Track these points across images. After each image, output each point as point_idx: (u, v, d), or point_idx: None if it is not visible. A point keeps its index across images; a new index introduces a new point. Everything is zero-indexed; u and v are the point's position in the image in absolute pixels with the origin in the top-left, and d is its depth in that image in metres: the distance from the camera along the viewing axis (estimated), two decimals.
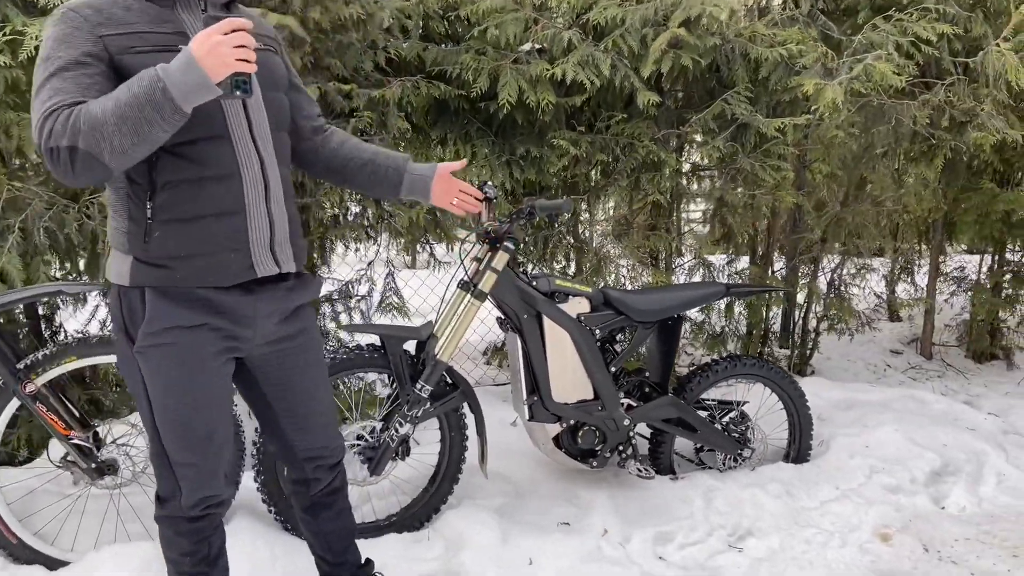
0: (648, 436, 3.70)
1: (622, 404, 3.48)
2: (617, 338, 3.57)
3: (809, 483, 3.67)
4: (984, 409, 4.60)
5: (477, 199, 2.51)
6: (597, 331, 3.39)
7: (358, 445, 3.15)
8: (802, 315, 5.31)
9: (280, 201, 2.03)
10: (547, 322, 3.30)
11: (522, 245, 4.21)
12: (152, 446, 2.04)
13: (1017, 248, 5.46)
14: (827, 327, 5.04)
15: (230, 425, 2.10)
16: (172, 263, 1.89)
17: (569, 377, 3.38)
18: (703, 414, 3.67)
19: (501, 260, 3.15)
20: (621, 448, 3.49)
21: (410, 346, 3.19)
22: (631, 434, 3.51)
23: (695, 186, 4.34)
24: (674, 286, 3.62)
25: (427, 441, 3.48)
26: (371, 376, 3.89)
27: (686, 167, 4.33)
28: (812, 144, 4.36)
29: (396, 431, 3.12)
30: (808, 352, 5.25)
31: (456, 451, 3.35)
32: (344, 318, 4.07)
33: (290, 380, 2.19)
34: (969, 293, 5.56)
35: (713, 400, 3.75)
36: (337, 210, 3.75)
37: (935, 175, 4.55)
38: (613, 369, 3.46)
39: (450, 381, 3.28)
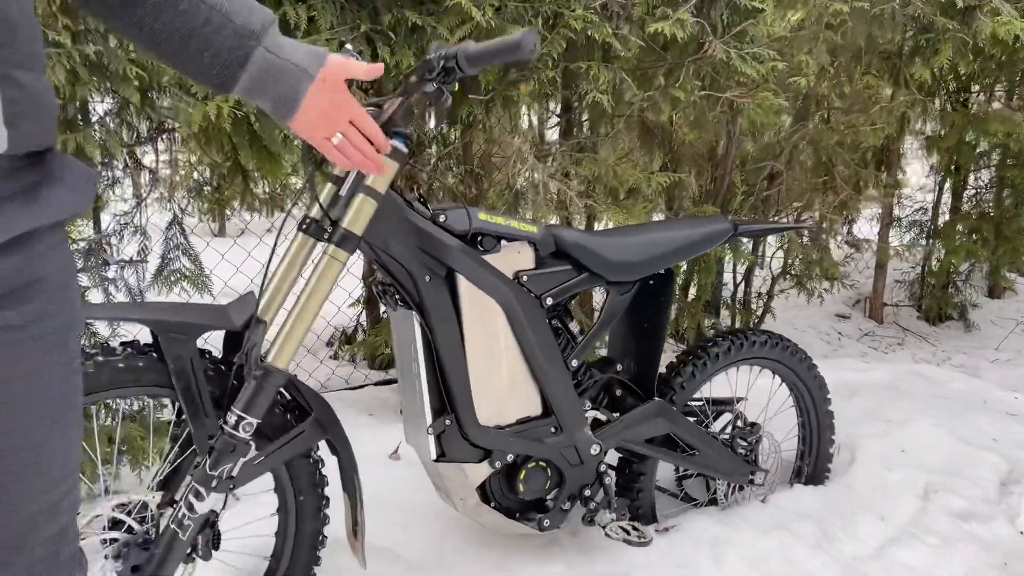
0: (613, 466, 2.34)
1: (587, 419, 2.10)
2: (572, 311, 2.17)
3: (847, 516, 2.45)
4: (991, 381, 3.59)
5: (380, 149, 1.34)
6: (548, 299, 1.99)
7: (111, 542, 1.61)
8: (744, 274, 4.14)
9: None
10: (465, 287, 1.86)
11: (420, 145, 2.66)
12: None
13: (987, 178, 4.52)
14: (794, 285, 3.87)
15: None
16: None
17: (504, 381, 1.96)
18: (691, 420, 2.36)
19: (384, 175, 1.68)
20: (587, 492, 2.12)
21: (213, 341, 1.68)
22: (602, 467, 2.14)
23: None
24: (655, 224, 2.26)
25: (253, 500, 1.96)
26: (137, 400, 2.28)
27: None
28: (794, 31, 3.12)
29: (188, 510, 1.60)
30: (757, 321, 4.08)
31: (308, 524, 1.86)
32: (94, 296, 2.40)
33: None
34: (932, 241, 4.58)
35: (700, 400, 2.45)
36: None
37: (929, 76, 3.44)
38: (574, 363, 2.07)
39: (291, 402, 1.79)
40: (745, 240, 3.37)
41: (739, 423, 2.46)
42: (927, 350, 4.33)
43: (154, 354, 1.62)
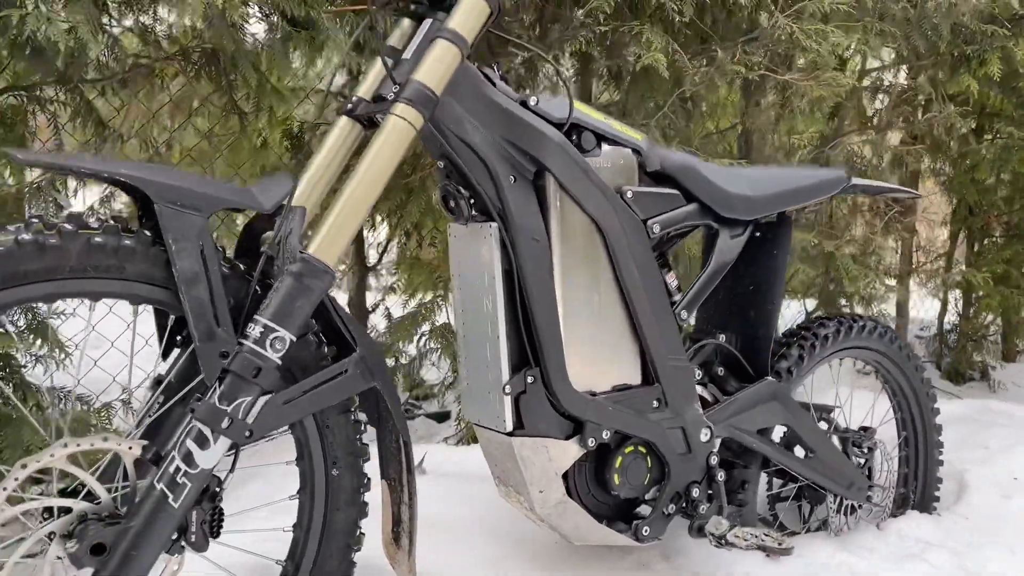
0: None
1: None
2: (667, 260, 1.72)
3: (976, 550, 1.98)
4: None
5: None
6: (656, 226, 1.54)
7: (62, 512, 1.06)
8: None
9: None
10: (556, 197, 1.41)
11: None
12: None
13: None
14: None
15: None
16: None
17: (601, 331, 1.48)
18: None
19: (471, 17, 1.27)
20: (695, 493, 1.61)
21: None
22: (713, 459, 1.64)
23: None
24: (765, 167, 1.86)
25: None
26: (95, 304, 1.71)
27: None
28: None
29: (185, 463, 1.07)
30: None
31: (342, 513, 1.32)
32: None
33: None
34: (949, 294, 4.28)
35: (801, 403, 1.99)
36: None
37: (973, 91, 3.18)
38: (685, 316, 1.60)
39: (329, 331, 1.28)
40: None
41: (853, 431, 2.01)
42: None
43: (147, 233, 1.12)
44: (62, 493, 1.09)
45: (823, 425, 2.05)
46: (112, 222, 1.10)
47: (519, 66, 2.32)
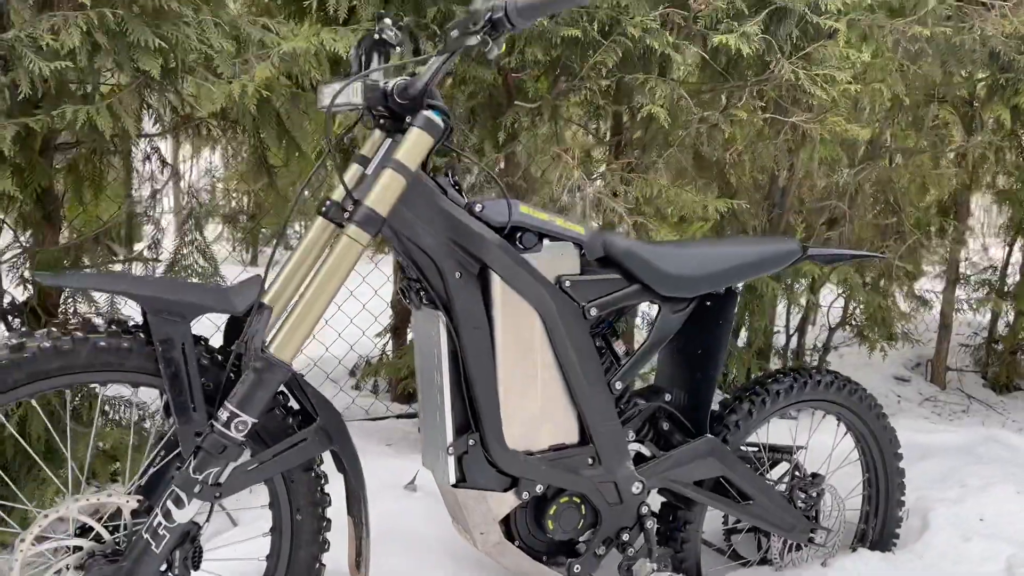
0: (654, 512, 2.07)
1: (630, 452, 1.85)
2: (618, 329, 1.94)
3: None
4: None
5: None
6: (592, 310, 1.75)
7: (75, 550, 1.39)
8: (799, 323, 3.87)
9: None
10: (499, 287, 1.64)
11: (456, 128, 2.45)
12: None
13: None
14: (854, 336, 3.58)
15: None
16: None
17: (538, 400, 1.72)
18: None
19: (415, 149, 1.50)
20: (626, 536, 1.85)
21: (209, 328, 1.48)
22: (644, 509, 1.87)
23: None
24: (717, 239, 2.04)
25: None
26: (123, 390, 2.06)
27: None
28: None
29: (165, 518, 1.38)
30: None
31: (304, 549, 1.62)
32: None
33: None
34: (1000, 303, 4.26)
35: (755, 446, 2.18)
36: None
37: (1005, 121, 3.18)
38: (619, 387, 1.82)
39: (295, 404, 1.57)
40: (821, 266, 3.04)
41: (798, 473, 2.18)
42: (995, 420, 3.98)
43: (142, 335, 1.42)
44: (77, 534, 1.42)
45: (784, 464, 2.24)
46: (114, 327, 1.40)
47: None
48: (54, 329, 1.37)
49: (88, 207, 2.46)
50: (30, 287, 2.24)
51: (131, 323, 1.45)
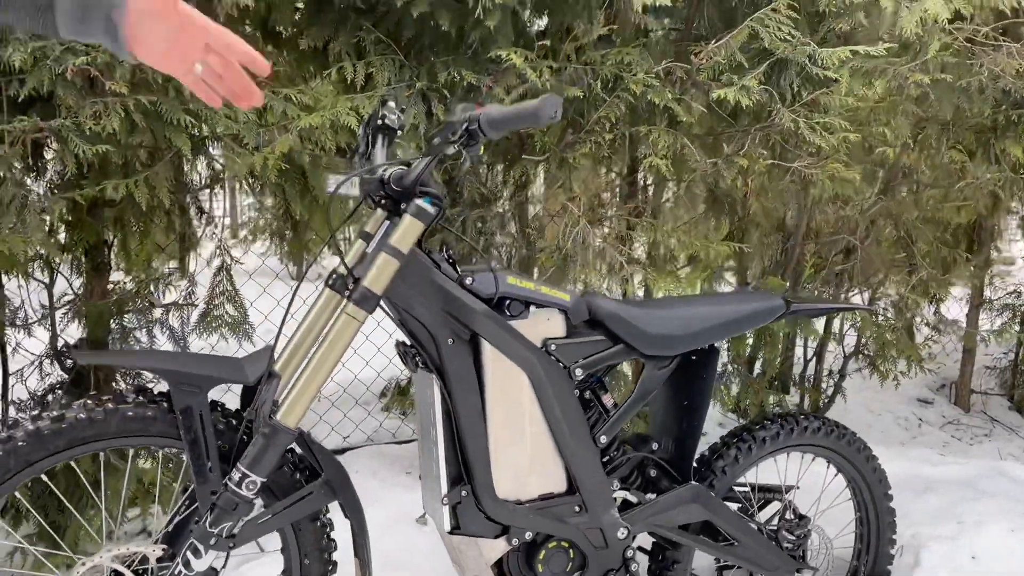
0: (646, 550, 2.21)
1: (615, 500, 1.99)
2: (607, 383, 2.08)
3: None
4: None
5: (255, 77, 1.19)
6: (577, 370, 1.90)
7: None
8: (816, 349, 3.94)
9: None
10: (489, 352, 1.80)
11: (448, 207, 2.64)
12: None
13: None
14: (867, 366, 3.66)
15: None
16: None
17: (526, 454, 1.88)
18: (733, 508, 2.20)
19: (408, 234, 1.66)
20: None
21: (229, 394, 1.66)
22: (629, 552, 2.01)
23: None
24: (700, 297, 2.15)
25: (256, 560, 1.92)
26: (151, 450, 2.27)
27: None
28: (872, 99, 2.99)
29: (184, 567, 1.57)
30: (827, 401, 3.87)
31: None
32: (139, 337, 2.42)
33: None
34: None
35: (745, 486, 2.30)
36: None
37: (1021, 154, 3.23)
38: (603, 440, 1.97)
39: (302, 461, 1.75)
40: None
41: (788, 514, 2.30)
42: (1016, 444, 4.01)
43: (165, 404, 1.61)
44: None
45: (776, 504, 2.35)
46: (141, 397, 1.60)
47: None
48: (89, 401, 1.57)
49: (133, 254, 2.68)
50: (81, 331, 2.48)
51: (155, 391, 1.64)
